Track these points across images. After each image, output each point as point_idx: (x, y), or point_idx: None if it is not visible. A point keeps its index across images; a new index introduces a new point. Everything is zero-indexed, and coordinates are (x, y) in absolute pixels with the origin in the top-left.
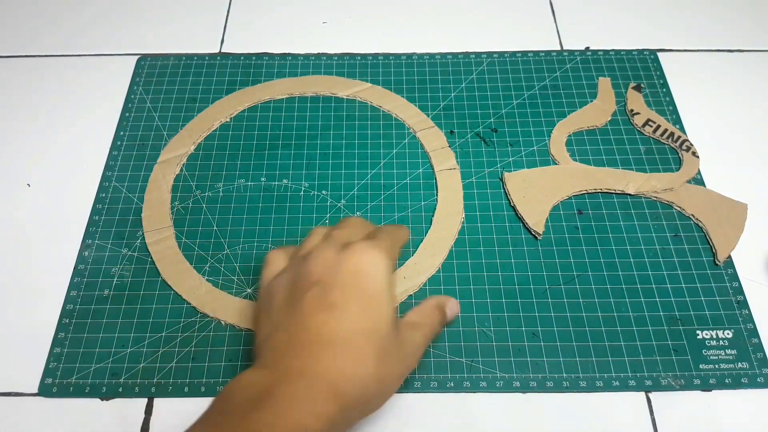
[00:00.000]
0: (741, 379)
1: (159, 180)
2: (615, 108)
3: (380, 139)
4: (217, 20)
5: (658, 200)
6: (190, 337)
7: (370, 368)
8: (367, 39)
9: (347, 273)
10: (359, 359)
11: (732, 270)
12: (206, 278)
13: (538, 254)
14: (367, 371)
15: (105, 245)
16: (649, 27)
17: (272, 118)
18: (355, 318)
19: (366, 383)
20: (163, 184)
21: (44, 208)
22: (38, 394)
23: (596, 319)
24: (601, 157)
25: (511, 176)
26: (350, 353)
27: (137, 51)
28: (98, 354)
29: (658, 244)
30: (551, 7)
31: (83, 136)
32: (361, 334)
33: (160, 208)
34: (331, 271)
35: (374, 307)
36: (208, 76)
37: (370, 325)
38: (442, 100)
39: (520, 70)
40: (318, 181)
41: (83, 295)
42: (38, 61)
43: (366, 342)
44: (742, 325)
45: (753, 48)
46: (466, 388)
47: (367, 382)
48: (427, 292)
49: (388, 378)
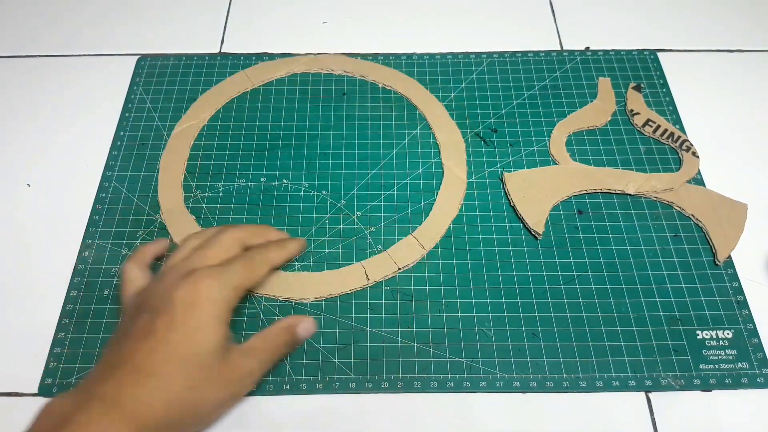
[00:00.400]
0: (741, 379)
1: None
2: (615, 108)
3: (380, 139)
4: (217, 20)
5: (658, 200)
6: None
7: (175, 394)
8: (367, 39)
9: (178, 301)
10: (164, 386)
11: (732, 270)
12: None
13: (538, 254)
14: (172, 397)
15: (105, 245)
16: (649, 27)
17: (272, 118)
18: (171, 347)
19: (169, 410)
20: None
21: (44, 208)
22: (38, 394)
23: (596, 319)
24: (601, 157)
25: (511, 176)
26: (155, 380)
27: (137, 51)
28: (98, 354)
29: (658, 244)
30: (551, 7)
31: (83, 136)
32: (172, 362)
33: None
34: (163, 298)
35: (194, 337)
36: (208, 76)
37: (186, 355)
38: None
39: (520, 70)
40: (318, 181)
41: (83, 295)
42: (38, 61)
43: (175, 370)
44: (742, 325)
45: (753, 48)
46: (466, 388)
47: (171, 409)
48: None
49: (203, 402)
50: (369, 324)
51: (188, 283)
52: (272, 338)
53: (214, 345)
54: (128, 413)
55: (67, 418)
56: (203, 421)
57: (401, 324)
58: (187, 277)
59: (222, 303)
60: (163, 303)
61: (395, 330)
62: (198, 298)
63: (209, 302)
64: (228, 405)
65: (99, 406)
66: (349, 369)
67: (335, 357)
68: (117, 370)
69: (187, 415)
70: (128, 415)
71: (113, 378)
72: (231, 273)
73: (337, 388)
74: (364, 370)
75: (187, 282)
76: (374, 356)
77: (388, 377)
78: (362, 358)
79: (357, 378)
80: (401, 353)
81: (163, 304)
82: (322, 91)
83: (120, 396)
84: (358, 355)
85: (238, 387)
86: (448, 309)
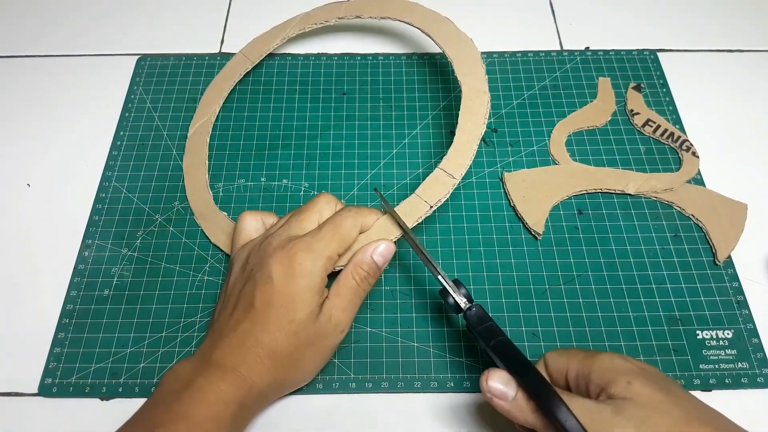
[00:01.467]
0: (741, 379)
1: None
2: (615, 108)
3: (380, 139)
4: (217, 20)
5: (658, 200)
6: (190, 337)
7: (279, 359)
8: (367, 39)
9: (276, 274)
10: (268, 355)
11: (732, 270)
12: (206, 278)
13: (538, 254)
14: (277, 362)
15: (105, 245)
16: (649, 27)
17: (272, 118)
18: (270, 318)
19: (276, 372)
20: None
21: (44, 208)
22: (38, 394)
23: (596, 319)
24: (601, 157)
25: (511, 176)
26: (260, 350)
27: (137, 51)
28: (98, 354)
29: (658, 244)
30: (551, 7)
31: (83, 136)
32: (274, 331)
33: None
34: (263, 268)
35: (291, 308)
36: (208, 76)
37: (285, 324)
38: (442, 100)
39: (520, 70)
40: (318, 181)
41: (83, 295)
42: (38, 61)
43: (278, 338)
44: (742, 325)
45: (753, 48)
46: (466, 388)
47: (278, 371)
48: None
49: (303, 362)
50: (369, 324)
51: (284, 257)
52: (347, 282)
53: (310, 312)
54: (241, 377)
55: (190, 381)
56: (305, 377)
57: (401, 324)
58: (284, 248)
59: (316, 273)
60: (262, 274)
61: (395, 330)
62: (293, 271)
63: (304, 274)
64: (326, 358)
65: (216, 371)
66: (349, 369)
67: (335, 357)
68: (227, 338)
69: (290, 375)
70: (241, 379)
71: (225, 346)
72: (322, 242)
73: (337, 388)
74: (364, 370)
75: (284, 255)
76: (374, 356)
77: (388, 377)
78: (362, 358)
79: (357, 378)
80: (401, 353)
81: (262, 276)
82: (322, 91)
83: (232, 362)
84: (358, 355)
85: (330, 340)
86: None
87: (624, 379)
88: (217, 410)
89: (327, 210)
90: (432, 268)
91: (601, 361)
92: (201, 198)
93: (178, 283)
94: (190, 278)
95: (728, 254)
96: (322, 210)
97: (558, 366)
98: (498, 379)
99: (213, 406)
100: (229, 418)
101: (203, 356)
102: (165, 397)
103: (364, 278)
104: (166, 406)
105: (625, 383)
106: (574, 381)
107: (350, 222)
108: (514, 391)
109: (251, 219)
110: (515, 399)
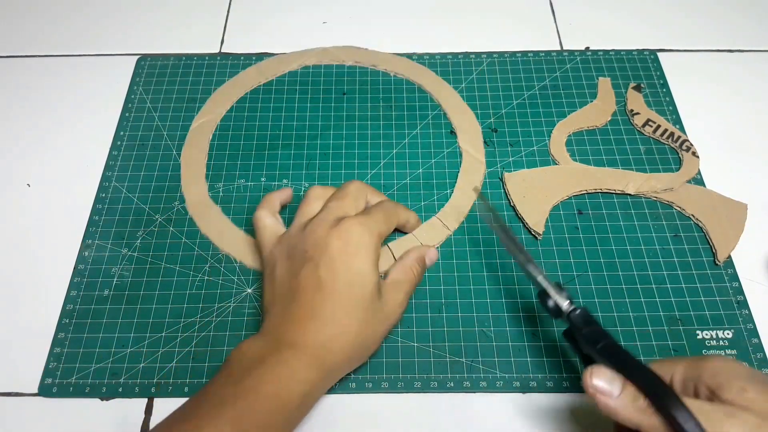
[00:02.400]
0: None
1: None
2: (615, 108)
3: (380, 139)
4: (217, 20)
5: (658, 200)
6: (190, 337)
7: (350, 337)
8: (367, 39)
9: (336, 250)
10: (342, 331)
11: (732, 270)
12: (206, 278)
13: (538, 254)
14: (348, 340)
15: (105, 245)
16: (649, 27)
17: (272, 118)
18: (340, 294)
19: (346, 350)
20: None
21: (44, 208)
22: (38, 394)
23: (596, 319)
24: (601, 157)
25: (511, 176)
26: (334, 327)
27: (137, 51)
28: (98, 354)
29: (658, 244)
30: (551, 7)
31: (83, 136)
32: (343, 308)
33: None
34: (321, 248)
35: (357, 282)
36: (208, 76)
37: (353, 300)
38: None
39: (520, 70)
40: (318, 181)
41: (83, 295)
42: (38, 61)
43: (346, 315)
44: (742, 325)
45: (753, 48)
46: (466, 388)
47: (348, 350)
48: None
49: (369, 339)
50: None
51: (341, 232)
52: (409, 269)
53: (373, 287)
54: (313, 355)
55: (262, 358)
56: (370, 352)
57: (401, 324)
58: (339, 226)
59: (373, 248)
60: (322, 253)
61: (395, 330)
62: (352, 246)
63: (363, 248)
64: (387, 334)
65: (288, 349)
66: None
67: None
68: (298, 318)
69: (359, 350)
70: (314, 357)
71: (297, 326)
72: (375, 221)
73: (337, 388)
74: (364, 370)
75: (340, 231)
76: (374, 356)
77: (388, 377)
78: None
79: (357, 378)
80: (401, 353)
81: (322, 255)
82: (322, 91)
83: (305, 341)
84: None
85: (392, 318)
86: (448, 309)
87: (738, 384)
88: (289, 389)
89: (360, 196)
90: (532, 269)
91: (712, 363)
92: (197, 189)
93: (178, 283)
94: (190, 278)
95: (728, 254)
96: (357, 196)
97: (662, 372)
98: (602, 376)
99: (285, 384)
100: (300, 398)
101: (272, 335)
102: (234, 375)
103: (418, 273)
104: (234, 381)
105: (739, 388)
106: (680, 384)
107: (394, 209)
108: (620, 389)
109: (266, 215)
110: (620, 397)
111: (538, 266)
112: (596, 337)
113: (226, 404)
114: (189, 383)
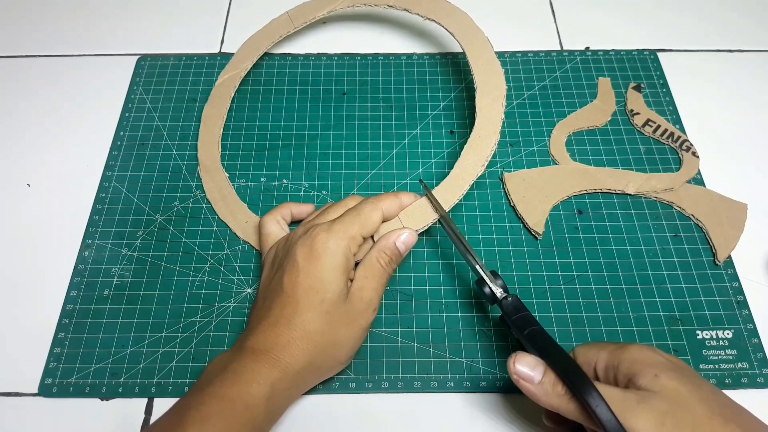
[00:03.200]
0: (741, 379)
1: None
2: (615, 108)
3: (380, 139)
4: (217, 20)
5: (658, 200)
6: (190, 337)
7: (312, 339)
8: (367, 39)
9: (300, 257)
10: (302, 335)
11: (732, 270)
12: (206, 278)
13: (538, 254)
14: (310, 342)
15: (105, 245)
16: (649, 27)
17: (272, 118)
18: (299, 299)
19: (308, 353)
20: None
21: (44, 208)
22: (38, 394)
23: (596, 319)
24: (601, 157)
25: (511, 176)
26: (293, 331)
27: (137, 51)
28: (98, 354)
29: (658, 244)
30: (551, 7)
31: (83, 136)
32: (303, 313)
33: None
34: (289, 256)
35: (317, 287)
36: (208, 76)
37: (314, 305)
38: (442, 100)
39: (520, 70)
40: (318, 181)
41: (83, 295)
42: (38, 61)
43: (309, 320)
44: (742, 325)
45: (753, 48)
46: (466, 388)
47: (310, 351)
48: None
49: (336, 342)
50: None
51: (306, 239)
52: (375, 263)
53: (337, 291)
54: (274, 358)
55: (225, 366)
56: (341, 360)
57: (401, 324)
58: (306, 234)
59: (339, 253)
60: (288, 260)
61: (395, 330)
62: (315, 252)
63: (326, 254)
64: (360, 338)
65: (250, 354)
66: (349, 369)
67: None
68: (260, 324)
69: (324, 352)
70: (275, 360)
71: (258, 332)
72: (342, 224)
73: (337, 388)
74: (364, 370)
75: (305, 239)
76: (374, 356)
77: (388, 377)
78: (362, 358)
79: (357, 378)
80: (401, 353)
81: (288, 262)
82: (322, 91)
83: (266, 346)
84: (359, 354)
85: (363, 318)
86: (448, 309)
87: (652, 372)
88: (250, 390)
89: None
90: (470, 257)
91: (630, 352)
92: (210, 150)
93: (178, 283)
94: (190, 278)
95: (728, 254)
96: (348, 205)
97: (588, 358)
98: (525, 363)
99: (246, 386)
100: (263, 400)
101: (239, 345)
102: (201, 384)
103: (388, 262)
104: (199, 389)
105: (653, 375)
106: (603, 371)
107: (369, 206)
108: (541, 375)
109: (271, 222)
110: (541, 383)
111: (477, 255)
112: (524, 324)
113: (191, 410)
114: (189, 383)
